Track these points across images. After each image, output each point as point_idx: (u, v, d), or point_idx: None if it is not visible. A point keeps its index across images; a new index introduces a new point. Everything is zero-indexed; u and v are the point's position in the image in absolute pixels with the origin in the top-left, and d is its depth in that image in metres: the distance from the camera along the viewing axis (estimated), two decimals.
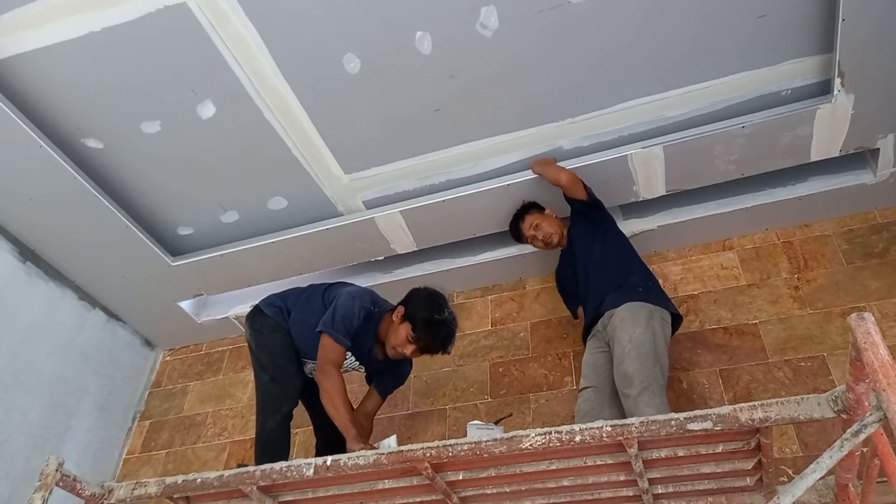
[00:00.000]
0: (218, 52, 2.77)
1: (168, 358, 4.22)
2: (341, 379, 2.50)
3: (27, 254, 3.52)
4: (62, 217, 3.35)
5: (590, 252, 2.94)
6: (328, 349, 2.51)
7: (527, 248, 3.54)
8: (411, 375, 3.41)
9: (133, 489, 2.01)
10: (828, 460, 1.17)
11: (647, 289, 2.76)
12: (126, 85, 2.90)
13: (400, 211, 3.32)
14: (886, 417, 1.14)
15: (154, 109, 3.01)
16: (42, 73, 2.86)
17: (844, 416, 1.41)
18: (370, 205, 3.43)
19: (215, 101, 2.96)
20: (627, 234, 3.42)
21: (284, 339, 2.76)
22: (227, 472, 1.93)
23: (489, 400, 3.29)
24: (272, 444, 2.70)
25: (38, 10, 2.66)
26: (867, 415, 1.18)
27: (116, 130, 3.10)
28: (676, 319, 2.80)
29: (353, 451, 2.18)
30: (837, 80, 2.66)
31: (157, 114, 3.02)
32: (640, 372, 2.44)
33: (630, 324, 2.58)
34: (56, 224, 3.41)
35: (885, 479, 1.43)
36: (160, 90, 2.92)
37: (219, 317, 4.01)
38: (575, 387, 3.09)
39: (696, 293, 3.26)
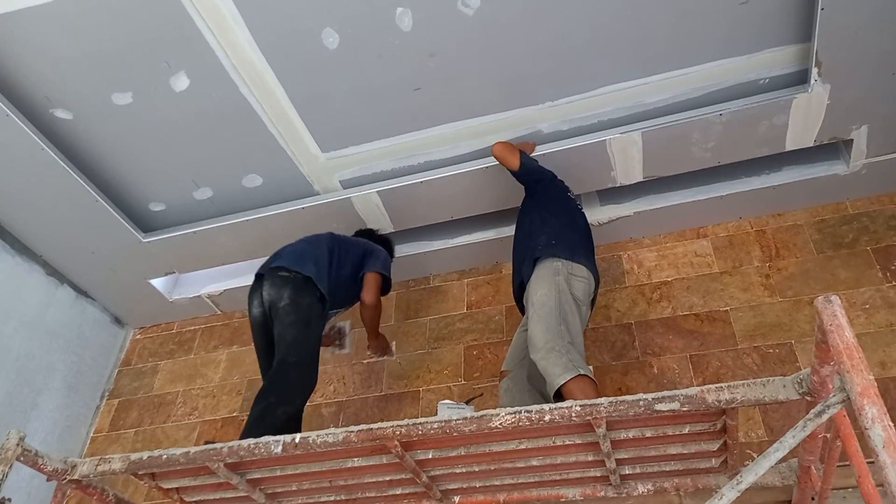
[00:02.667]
0: (193, 23, 2.70)
1: (138, 336, 4.15)
2: None
3: None
4: (29, 190, 3.26)
5: (521, 225, 2.94)
6: (380, 289, 3.04)
7: (504, 232, 3.54)
8: (385, 358, 3.47)
9: (97, 465, 1.97)
10: (791, 440, 1.18)
11: (549, 245, 2.63)
12: (97, 54, 2.82)
13: (377, 191, 3.29)
14: (849, 399, 1.15)
15: (126, 80, 2.93)
16: (10, 39, 2.76)
17: (809, 399, 1.43)
18: (347, 185, 3.40)
19: (189, 73, 2.90)
20: (604, 220, 3.44)
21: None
22: (193, 449, 1.90)
23: (462, 382, 3.29)
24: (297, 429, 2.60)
25: None
26: (831, 396, 1.19)
27: (86, 101, 3.02)
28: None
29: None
30: (815, 70, 2.68)
31: (128, 85, 2.95)
32: (543, 335, 2.36)
33: (534, 286, 2.52)
34: (23, 197, 3.32)
35: (846, 462, 1.46)
36: (132, 60, 2.84)
37: (191, 295, 3.95)
38: None
39: (669, 280, 3.29)
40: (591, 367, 2.45)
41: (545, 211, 2.86)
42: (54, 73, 2.90)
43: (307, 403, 3.24)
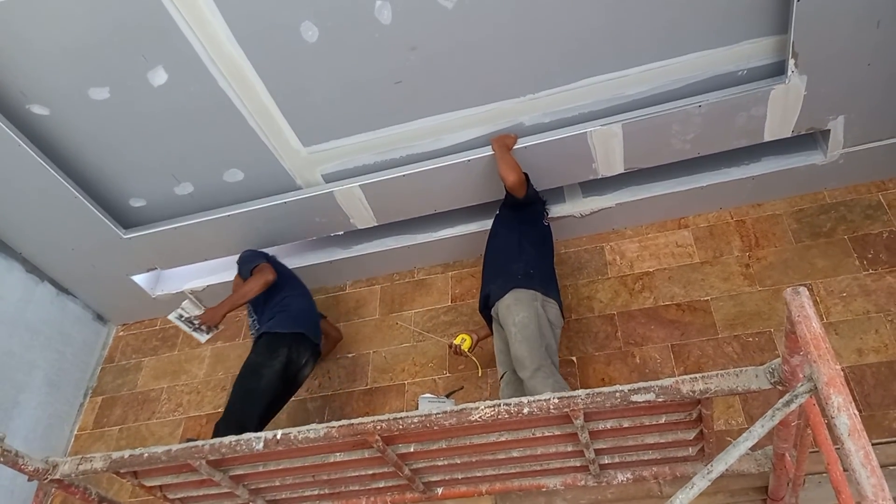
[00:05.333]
0: (169, 16, 2.67)
1: (121, 333, 4.13)
2: None
3: None
4: (7, 187, 3.23)
5: (496, 236, 3.08)
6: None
7: (488, 225, 3.53)
8: (370, 351, 3.46)
9: (78, 464, 1.97)
10: (759, 429, 1.20)
11: (527, 275, 2.81)
12: (73, 48, 2.79)
13: (359, 185, 3.28)
14: (817, 388, 1.17)
15: (103, 75, 2.90)
16: None
17: (780, 388, 1.45)
18: (329, 178, 3.39)
19: (167, 67, 2.87)
20: (586, 212, 3.46)
21: None
22: (175, 447, 1.90)
23: (447, 375, 3.31)
24: None
25: None
26: (798, 385, 1.21)
27: (63, 96, 2.98)
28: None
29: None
30: (791, 61, 2.70)
31: (105, 79, 2.92)
32: (529, 355, 2.55)
33: (514, 308, 2.69)
34: (1, 194, 3.28)
35: (818, 449, 1.49)
36: (109, 54, 2.81)
37: (174, 291, 3.93)
38: None
39: (651, 270, 3.31)
40: None
41: (524, 237, 2.99)
42: (30, 67, 2.86)
43: (294, 399, 3.30)
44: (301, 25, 2.73)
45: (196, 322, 3.12)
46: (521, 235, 2.98)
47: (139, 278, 3.85)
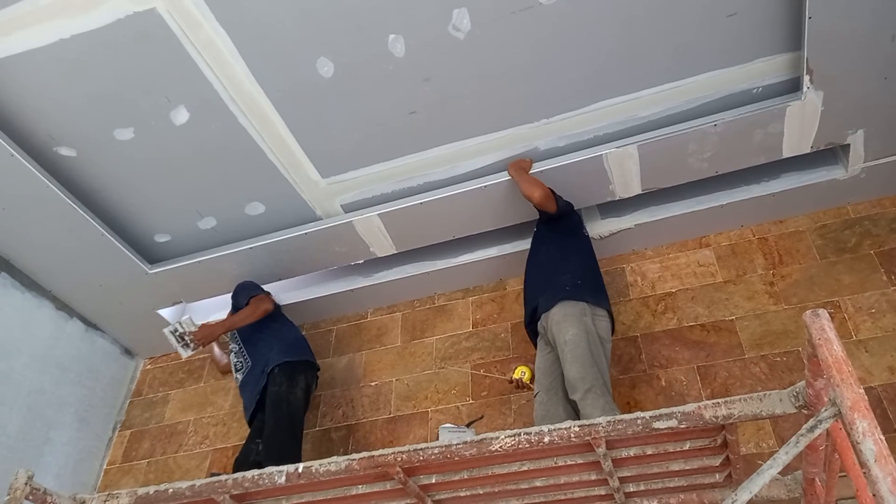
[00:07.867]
0: (190, 58, 2.76)
1: (148, 366, 4.19)
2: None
3: (2, 264, 3.50)
4: (36, 226, 3.33)
5: (537, 251, 3.05)
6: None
7: (507, 250, 3.56)
8: (393, 379, 3.47)
9: (105, 501, 1.99)
10: (784, 456, 1.17)
11: (576, 286, 2.76)
12: (98, 92, 2.89)
13: (378, 214, 3.32)
14: (841, 413, 1.15)
15: (127, 116, 2.99)
16: (12, 81, 2.84)
17: (805, 412, 1.42)
18: (348, 208, 3.43)
19: (189, 107, 2.95)
20: (605, 234, 3.45)
21: None
22: (198, 482, 1.91)
23: (471, 402, 3.29)
24: None
25: (6, 18, 2.64)
26: (822, 410, 1.19)
27: (89, 138, 3.08)
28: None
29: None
30: (806, 78, 2.69)
31: (130, 120, 3.01)
32: (581, 376, 2.50)
33: (564, 325, 2.63)
34: (30, 233, 3.38)
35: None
36: (133, 97, 2.91)
37: (199, 324, 3.97)
38: None
39: (673, 291, 3.28)
40: None
41: (567, 247, 2.98)
42: (57, 112, 2.97)
43: (318, 428, 3.31)
44: (317, 61, 2.79)
45: (188, 338, 3.26)
46: (563, 247, 2.96)
47: (165, 312, 3.92)
